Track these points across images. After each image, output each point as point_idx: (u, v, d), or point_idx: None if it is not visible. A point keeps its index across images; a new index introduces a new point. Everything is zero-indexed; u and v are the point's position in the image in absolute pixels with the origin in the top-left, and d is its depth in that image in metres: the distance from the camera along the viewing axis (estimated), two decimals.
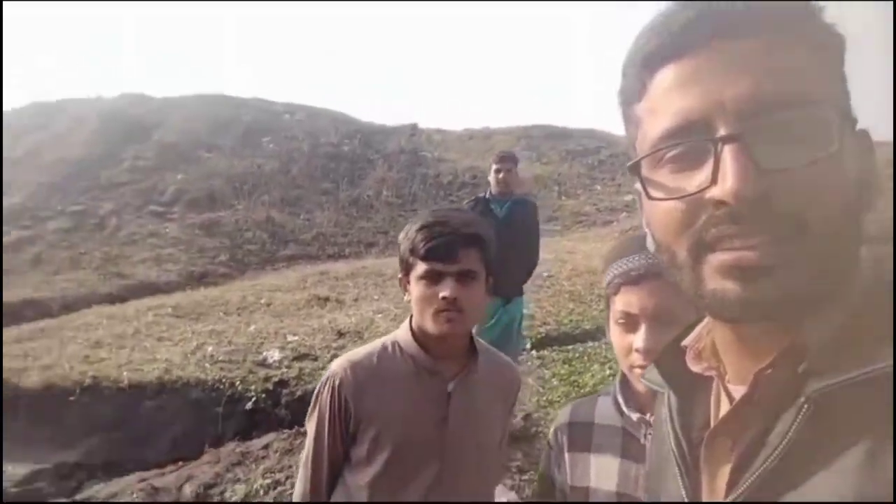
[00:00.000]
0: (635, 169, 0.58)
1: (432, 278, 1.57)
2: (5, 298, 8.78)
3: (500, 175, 4.35)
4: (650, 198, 0.57)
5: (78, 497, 5.06)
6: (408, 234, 1.61)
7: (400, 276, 1.67)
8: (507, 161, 4.41)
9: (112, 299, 8.88)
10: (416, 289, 1.59)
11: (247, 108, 17.02)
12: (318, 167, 14.12)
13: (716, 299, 0.53)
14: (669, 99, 0.55)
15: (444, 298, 1.54)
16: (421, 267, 1.57)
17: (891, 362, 0.48)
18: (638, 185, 0.59)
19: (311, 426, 1.71)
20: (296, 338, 6.61)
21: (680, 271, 0.56)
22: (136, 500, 4.68)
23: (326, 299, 7.93)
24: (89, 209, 11.86)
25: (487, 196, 4.47)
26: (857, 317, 0.51)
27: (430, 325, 1.59)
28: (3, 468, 5.68)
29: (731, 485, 0.56)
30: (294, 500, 1.78)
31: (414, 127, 17.81)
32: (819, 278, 0.51)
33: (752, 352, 0.57)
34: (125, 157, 14.06)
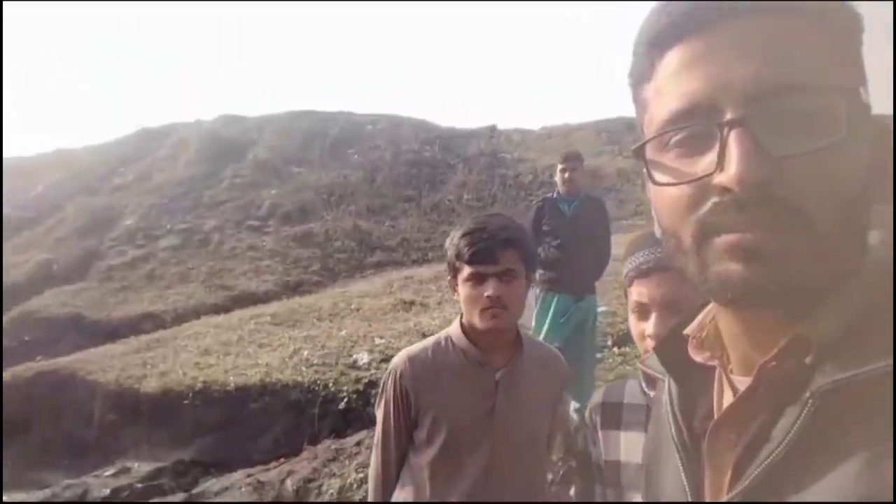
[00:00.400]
0: (640, 153, 0.57)
1: (477, 279, 1.74)
2: (127, 314, 9.67)
3: (566, 175, 4.43)
4: (655, 182, 0.56)
5: (194, 491, 5.58)
6: (453, 241, 1.79)
7: (449, 278, 1.85)
8: (572, 160, 4.48)
9: (218, 310, 9.57)
10: (463, 289, 1.77)
11: (333, 122, 17.73)
12: (400, 175, 14.56)
13: (719, 281, 0.52)
14: (676, 80, 0.54)
15: (488, 297, 1.71)
16: (466, 270, 1.75)
17: None
18: (644, 170, 0.57)
19: (379, 413, 1.92)
20: (383, 340, 6.92)
21: (685, 256, 0.55)
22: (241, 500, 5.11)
23: (412, 303, 8.23)
24: (194, 227, 12.81)
25: (555, 196, 4.56)
26: (865, 310, 0.50)
27: (478, 321, 1.76)
28: (130, 466, 6.32)
29: (735, 478, 0.55)
30: (369, 477, 2.00)
31: (493, 129, 17.94)
32: (822, 269, 0.50)
33: (758, 342, 0.56)
34: (224, 176, 15.03)
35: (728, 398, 0.60)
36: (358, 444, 5.31)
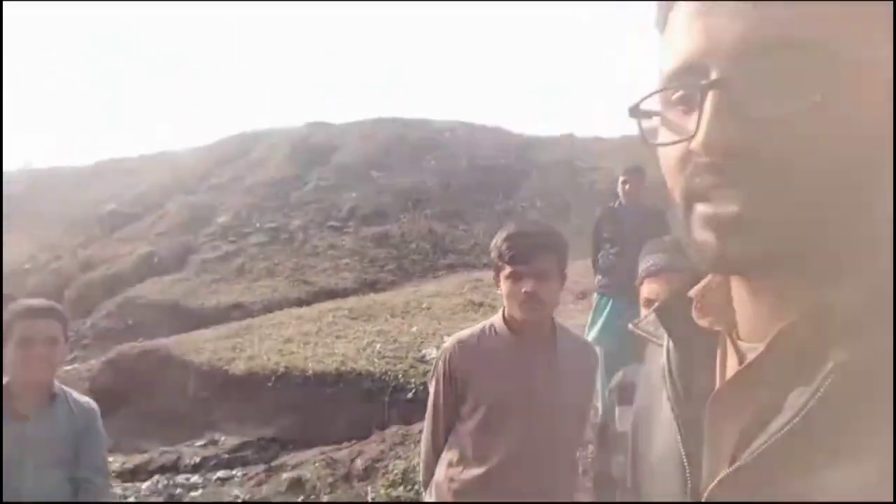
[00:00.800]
0: (635, 110, 0.55)
1: (515, 277, 2.05)
2: (219, 303, 10.48)
3: (626, 187, 4.68)
4: (646, 143, 0.55)
5: (273, 464, 6.12)
6: (496, 244, 2.13)
7: (493, 275, 2.19)
8: (632, 173, 4.72)
9: (300, 303, 10.21)
10: (504, 285, 2.10)
11: (413, 128, 18.30)
12: (475, 180, 14.92)
13: (698, 250, 0.52)
14: (677, 36, 0.52)
15: (525, 293, 2.03)
16: (507, 269, 2.07)
17: None
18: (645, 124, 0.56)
19: (431, 388, 2.27)
20: None
21: (679, 219, 0.54)
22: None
23: (480, 304, 8.56)
24: (281, 225, 13.63)
25: (616, 206, 4.81)
26: (886, 285, 0.47)
27: (517, 313, 2.09)
28: (218, 439, 6.94)
29: (739, 449, 0.52)
30: (422, 442, 2.36)
31: (570, 136, 18.03)
32: (813, 235, 0.48)
33: (769, 307, 0.54)
34: (310, 179, 15.85)
35: (733, 364, 0.58)
36: (422, 431, 5.69)
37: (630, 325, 0.75)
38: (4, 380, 2.25)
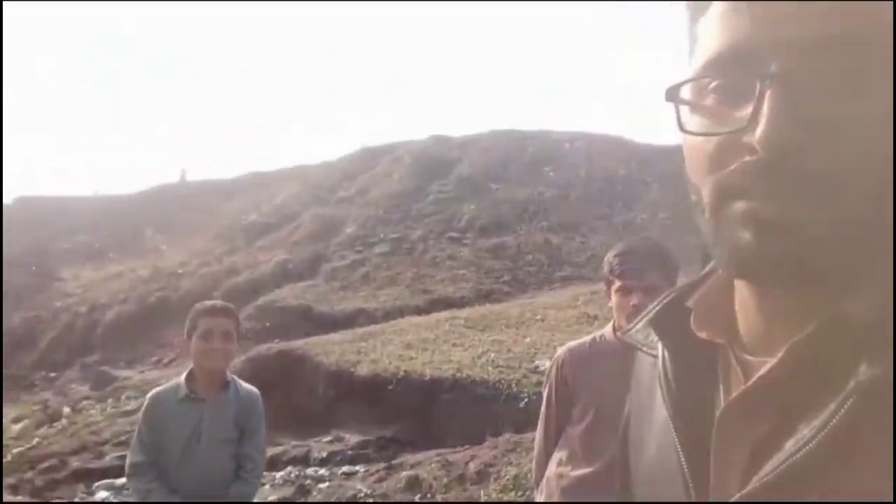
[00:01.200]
0: (674, 94, 0.51)
1: (624, 292, 2.19)
2: (346, 308, 11.19)
3: None
4: (682, 130, 0.51)
5: (393, 462, 6.50)
6: (608, 259, 2.27)
7: (604, 289, 2.34)
8: None
9: (419, 311, 10.66)
10: (614, 298, 2.24)
11: (531, 140, 18.44)
12: (594, 192, 14.82)
13: (729, 249, 0.48)
14: (725, 19, 0.49)
15: (633, 306, 2.17)
16: (616, 283, 2.21)
17: None
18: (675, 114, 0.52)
19: (544, 394, 2.45)
20: None
21: (702, 215, 0.51)
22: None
23: (595, 317, 8.55)
24: (403, 236, 14.27)
25: None
26: (891, 297, 0.45)
27: (625, 325, 2.23)
28: (343, 436, 7.46)
29: (753, 465, 0.49)
30: (535, 442, 2.53)
31: None
32: (849, 250, 0.45)
33: (780, 320, 0.51)
34: (430, 191, 16.44)
35: (737, 378, 0.54)
36: (535, 435, 5.82)
37: (619, 335, 0.73)
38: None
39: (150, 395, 2.83)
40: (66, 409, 9.54)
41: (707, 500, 0.53)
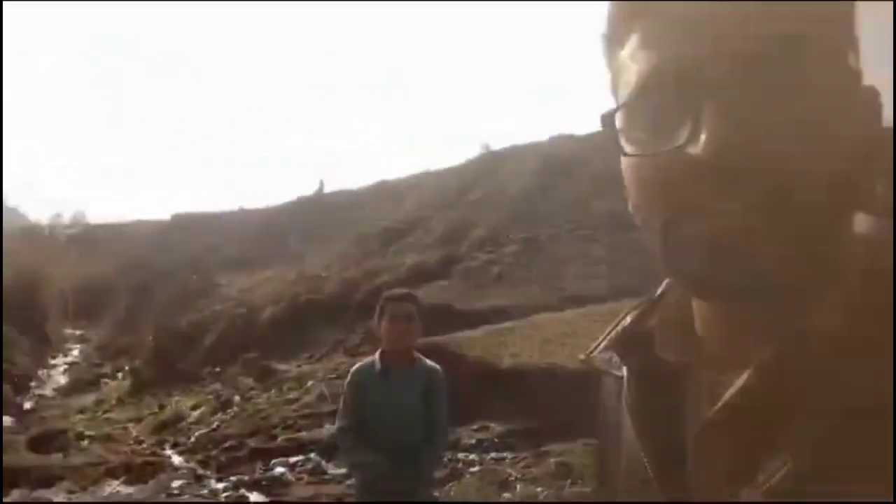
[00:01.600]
0: (609, 121, 0.51)
1: None
2: (482, 306, 11.61)
3: None
4: (625, 154, 0.50)
5: (541, 449, 6.73)
6: None
7: None
8: None
9: (553, 308, 10.84)
10: None
11: None
12: None
13: (684, 272, 0.49)
14: (649, 45, 0.49)
15: None
16: None
17: None
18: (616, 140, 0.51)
19: None
20: None
21: (652, 236, 0.50)
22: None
23: None
24: (533, 236, 14.51)
25: None
26: (855, 306, 0.44)
27: None
28: (489, 425, 7.79)
29: (734, 484, 0.48)
30: None
31: None
32: (799, 253, 0.44)
33: (746, 336, 0.50)
34: (559, 190, 16.55)
35: (707, 398, 0.52)
36: None
37: (581, 357, 0.71)
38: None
39: (352, 370, 3.33)
40: (237, 398, 10.65)
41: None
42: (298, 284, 16.96)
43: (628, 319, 0.65)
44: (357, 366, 3.33)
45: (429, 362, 3.18)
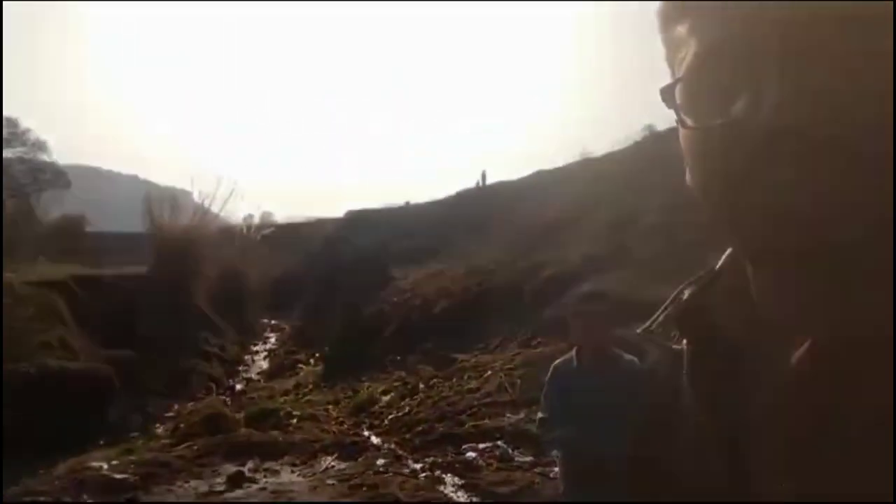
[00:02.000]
0: (669, 95, 0.51)
1: None
2: (655, 296, 11.34)
3: None
4: (685, 126, 0.50)
5: None
6: None
7: None
8: None
9: None
10: None
11: None
12: None
13: (747, 243, 0.49)
14: (711, 15, 0.48)
15: None
16: None
17: None
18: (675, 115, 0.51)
19: None
20: None
21: (712, 208, 0.50)
22: None
23: None
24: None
25: None
26: None
27: None
28: None
29: (799, 455, 0.49)
30: None
31: None
32: (861, 221, 0.43)
33: (808, 303, 0.48)
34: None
35: (766, 372, 0.53)
36: None
37: (638, 331, 0.71)
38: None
39: (552, 365, 3.58)
40: (421, 385, 11.39)
41: (746, 492, 0.52)
42: (468, 278, 17.59)
43: (686, 293, 0.65)
44: (556, 362, 3.57)
45: (627, 357, 3.30)
